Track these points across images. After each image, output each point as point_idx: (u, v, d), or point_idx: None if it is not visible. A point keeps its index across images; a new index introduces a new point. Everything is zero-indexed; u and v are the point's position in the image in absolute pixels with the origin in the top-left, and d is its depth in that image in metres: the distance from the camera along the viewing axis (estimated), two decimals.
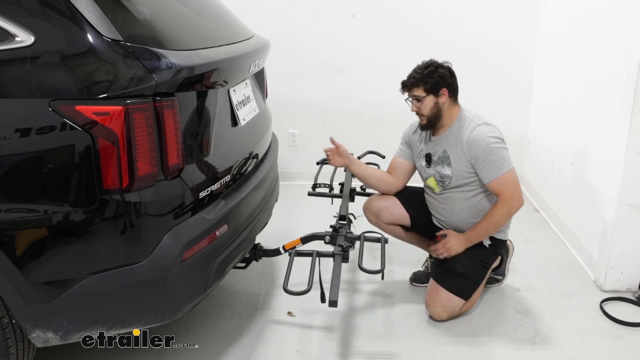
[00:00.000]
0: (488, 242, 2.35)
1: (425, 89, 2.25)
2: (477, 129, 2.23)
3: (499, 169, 2.19)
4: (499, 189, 2.22)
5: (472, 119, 2.28)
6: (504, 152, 2.21)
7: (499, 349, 2.15)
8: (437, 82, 2.24)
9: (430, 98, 2.25)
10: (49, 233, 1.51)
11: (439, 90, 2.25)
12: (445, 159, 2.31)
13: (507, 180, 2.21)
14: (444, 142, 2.32)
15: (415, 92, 2.27)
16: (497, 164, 2.19)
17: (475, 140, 2.21)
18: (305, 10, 3.63)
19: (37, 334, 1.59)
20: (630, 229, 2.46)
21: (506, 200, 2.21)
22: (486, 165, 2.20)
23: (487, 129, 2.24)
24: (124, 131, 1.47)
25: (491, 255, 2.37)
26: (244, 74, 2.08)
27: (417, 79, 2.25)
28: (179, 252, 1.61)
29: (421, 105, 2.27)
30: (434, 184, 2.38)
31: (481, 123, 2.26)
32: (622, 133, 2.38)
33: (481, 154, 2.20)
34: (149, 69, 1.50)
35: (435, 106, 2.26)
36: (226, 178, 1.89)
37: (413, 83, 2.26)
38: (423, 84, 2.24)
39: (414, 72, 2.28)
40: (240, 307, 2.42)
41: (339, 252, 2.05)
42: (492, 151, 2.19)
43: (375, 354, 2.12)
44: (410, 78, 2.27)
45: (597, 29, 2.75)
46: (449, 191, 2.34)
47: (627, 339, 2.21)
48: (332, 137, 2.43)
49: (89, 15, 1.47)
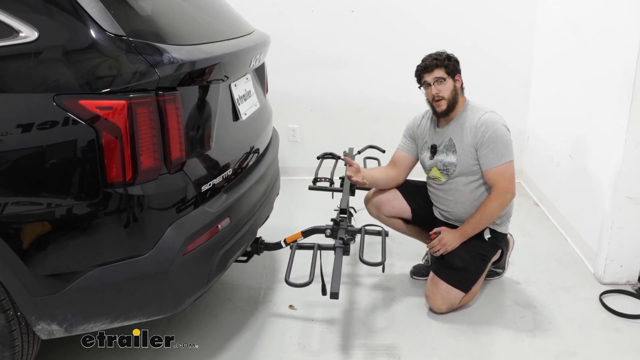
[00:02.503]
0: (488, 236, 2.36)
1: (447, 71, 2.28)
2: (487, 114, 2.27)
3: (501, 159, 2.22)
4: (496, 179, 2.24)
5: (480, 108, 2.32)
6: (509, 144, 2.25)
7: (498, 341, 2.17)
8: (455, 67, 2.31)
9: (450, 81, 2.29)
10: (53, 226, 1.52)
11: (455, 75, 2.30)
12: (450, 147, 2.33)
13: (505, 172, 2.23)
14: (449, 131, 2.34)
15: (437, 74, 2.28)
16: (500, 153, 2.22)
17: (484, 124, 2.24)
18: (305, 5, 3.64)
19: (42, 326, 1.61)
20: (629, 222, 2.47)
21: (501, 192, 2.24)
22: (489, 152, 2.23)
23: (496, 117, 2.27)
24: (127, 125, 1.48)
25: (491, 249, 2.38)
26: (244, 68, 2.09)
27: (440, 61, 2.28)
28: (181, 245, 1.63)
29: (443, 88, 2.28)
30: (438, 174, 2.39)
31: (489, 111, 2.30)
32: (621, 126, 2.39)
33: (488, 139, 2.22)
34: (151, 63, 1.51)
35: (454, 90, 2.30)
36: (228, 172, 1.90)
37: (437, 64, 2.28)
38: (445, 66, 2.28)
39: (431, 57, 2.30)
40: (241, 301, 2.44)
41: (339, 245, 2.07)
42: (499, 139, 2.22)
43: (375, 346, 2.14)
44: (433, 60, 2.29)
45: (594, 23, 2.76)
46: (454, 181, 2.34)
47: (626, 331, 2.23)
48: (346, 157, 2.41)
49: (92, 10, 1.49)
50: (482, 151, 2.24)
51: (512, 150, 2.26)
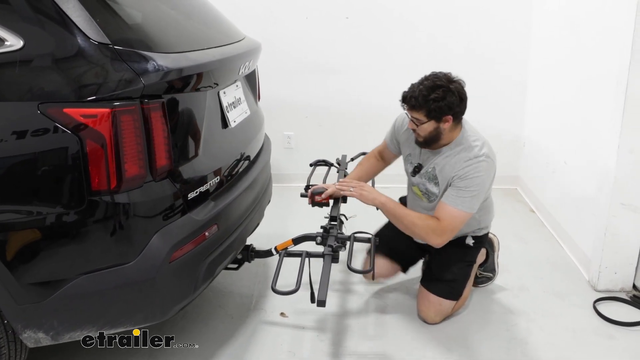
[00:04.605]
0: (472, 242, 2.34)
1: (427, 115, 2.00)
2: (475, 163, 2.05)
3: (460, 205, 2.06)
4: (443, 216, 2.07)
5: (473, 146, 2.09)
6: (475, 197, 2.07)
7: (490, 349, 2.16)
8: (442, 110, 1.99)
9: (431, 123, 2.03)
10: (39, 234, 1.52)
11: (442, 117, 2.02)
12: (433, 178, 2.19)
13: (455, 217, 2.07)
14: (436, 159, 2.17)
15: (415, 115, 2.03)
16: (461, 201, 2.06)
17: (465, 177, 2.06)
18: (299, 12, 3.65)
19: (29, 334, 1.60)
20: (623, 228, 2.46)
21: (439, 229, 2.07)
22: (455, 194, 2.07)
23: (483, 166, 2.05)
24: (111, 133, 1.48)
25: (475, 252, 2.37)
26: (233, 76, 2.09)
27: (420, 103, 1.98)
28: (167, 252, 1.63)
29: (420, 129, 2.07)
30: (420, 194, 2.31)
31: (481, 154, 2.06)
32: (614, 131, 2.38)
33: (460, 185, 2.07)
34: (136, 71, 1.52)
35: (435, 130, 2.05)
36: (216, 179, 1.90)
37: (414, 106, 2.00)
38: (426, 109, 1.99)
39: (419, 90, 2.00)
40: (233, 308, 2.43)
41: (328, 252, 2.06)
42: (468, 189, 2.05)
43: (366, 354, 2.13)
44: (412, 98, 2.00)
45: (588, 30, 2.75)
46: (434, 206, 2.23)
47: (619, 339, 2.21)
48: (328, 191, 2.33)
49: (77, 19, 1.49)
50: (450, 189, 2.09)
51: (476, 203, 2.08)
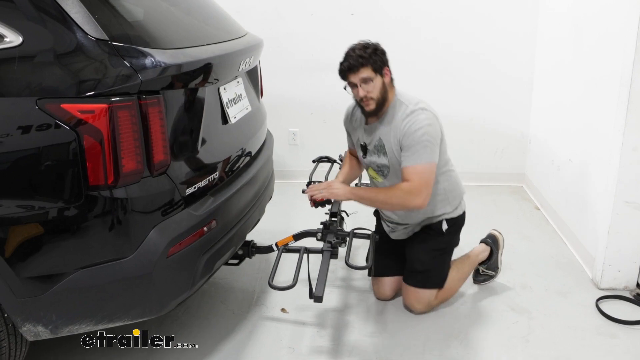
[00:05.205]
0: (446, 227, 2.29)
1: (374, 68, 2.08)
2: (412, 116, 2.09)
3: (418, 159, 2.07)
4: (410, 177, 2.08)
5: (408, 103, 2.14)
6: (431, 145, 2.08)
7: (490, 346, 2.14)
8: (382, 62, 2.11)
9: (379, 79, 2.10)
10: (37, 229, 1.53)
11: (382, 70, 2.11)
12: (380, 148, 2.20)
13: (422, 172, 2.07)
14: (379, 130, 2.20)
15: (364, 74, 2.08)
16: (418, 155, 2.07)
17: (408, 132, 2.08)
18: (305, 9, 3.65)
19: (28, 327, 1.62)
20: (627, 227, 2.43)
21: (412, 190, 2.07)
22: (410, 154, 2.09)
23: (422, 117, 2.09)
24: (108, 129, 1.49)
25: (449, 238, 2.32)
26: (234, 72, 2.10)
27: (365, 59, 2.07)
28: (164, 247, 1.64)
29: (372, 88, 2.10)
30: (374, 174, 2.31)
31: (417, 108, 2.11)
32: (618, 130, 2.36)
33: (409, 142, 2.08)
34: (134, 67, 1.53)
35: (383, 87, 2.12)
36: (215, 175, 1.91)
37: (362, 63, 2.07)
38: (371, 63, 2.07)
39: (356, 54, 2.09)
40: (234, 304, 2.44)
41: (327, 248, 2.06)
42: (418, 143, 2.07)
43: (365, 350, 2.13)
44: (358, 58, 2.07)
45: (593, 30, 2.73)
46: (390, 181, 2.23)
47: (622, 337, 2.19)
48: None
49: (76, 15, 1.50)
50: (404, 152, 2.11)
51: (434, 151, 2.09)
